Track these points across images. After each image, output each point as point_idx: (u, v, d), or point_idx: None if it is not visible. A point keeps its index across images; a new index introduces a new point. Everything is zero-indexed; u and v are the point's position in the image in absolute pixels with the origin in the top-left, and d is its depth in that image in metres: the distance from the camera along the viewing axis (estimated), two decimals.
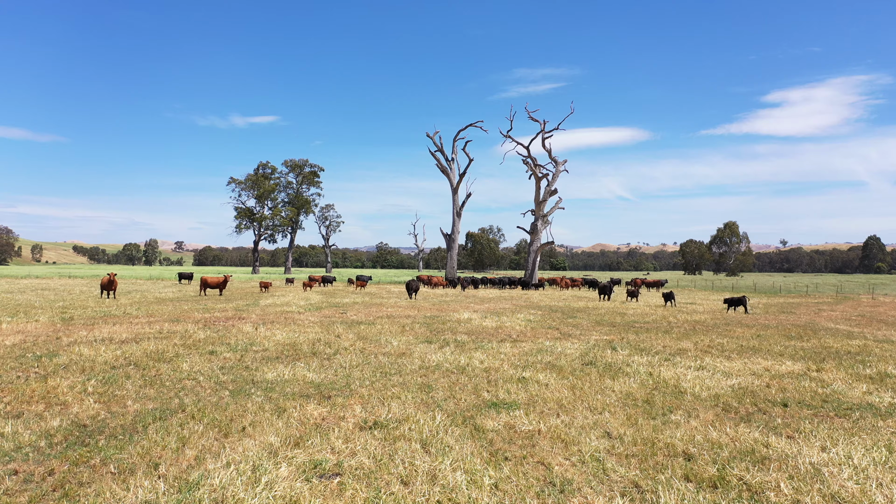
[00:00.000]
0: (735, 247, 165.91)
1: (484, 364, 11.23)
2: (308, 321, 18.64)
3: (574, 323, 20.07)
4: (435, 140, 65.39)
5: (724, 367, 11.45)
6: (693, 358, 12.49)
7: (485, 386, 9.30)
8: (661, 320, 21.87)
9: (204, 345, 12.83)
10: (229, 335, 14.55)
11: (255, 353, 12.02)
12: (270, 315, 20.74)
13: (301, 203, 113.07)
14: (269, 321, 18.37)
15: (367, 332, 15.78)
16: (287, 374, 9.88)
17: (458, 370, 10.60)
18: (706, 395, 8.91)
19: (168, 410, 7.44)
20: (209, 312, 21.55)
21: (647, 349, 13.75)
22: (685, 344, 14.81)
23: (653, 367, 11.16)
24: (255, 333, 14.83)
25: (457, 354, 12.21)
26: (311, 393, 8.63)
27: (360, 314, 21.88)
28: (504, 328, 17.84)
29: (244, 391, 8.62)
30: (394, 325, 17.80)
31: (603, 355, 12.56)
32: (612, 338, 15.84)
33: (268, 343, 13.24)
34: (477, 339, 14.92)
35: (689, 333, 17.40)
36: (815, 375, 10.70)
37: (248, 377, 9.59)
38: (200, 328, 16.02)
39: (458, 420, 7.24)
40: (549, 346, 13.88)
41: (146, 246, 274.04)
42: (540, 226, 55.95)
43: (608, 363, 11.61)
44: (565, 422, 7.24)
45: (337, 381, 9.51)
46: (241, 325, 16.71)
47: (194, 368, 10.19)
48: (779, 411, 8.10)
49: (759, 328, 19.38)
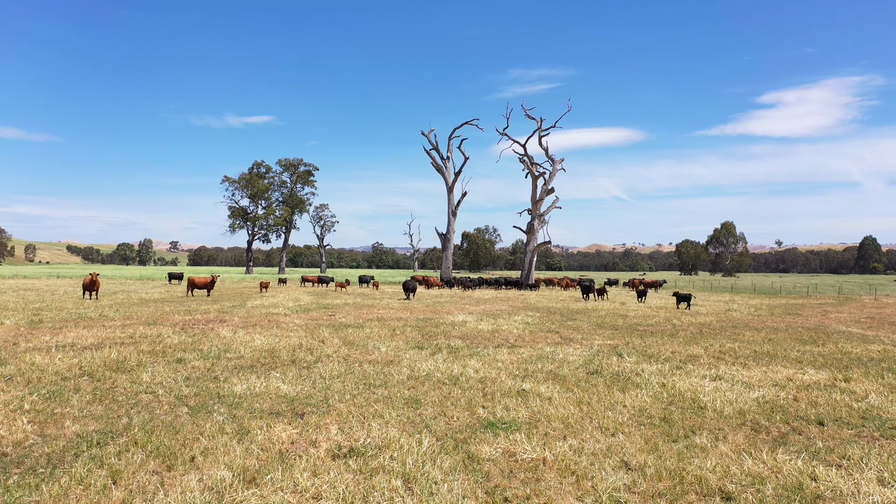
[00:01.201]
0: (732, 247, 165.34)
1: (479, 373, 10.19)
2: (293, 324, 17.56)
3: (574, 326, 19.06)
4: (430, 138, 64.31)
5: (743, 376, 10.45)
6: (707, 366, 11.49)
7: (480, 400, 8.26)
8: (665, 323, 20.89)
9: (174, 351, 11.73)
10: (204, 340, 13.46)
11: (229, 360, 10.94)
12: (255, 317, 19.65)
13: (295, 202, 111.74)
14: (251, 324, 17.28)
15: (355, 337, 14.72)
16: (259, 386, 8.81)
17: (450, 381, 9.56)
18: (730, 411, 7.90)
19: (111, 433, 6.37)
20: (190, 314, 20.44)
21: (656, 355, 12.74)
22: (695, 349, 13.82)
23: (665, 377, 10.14)
24: (233, 338, 13.74)
25: (449, 362, 11.17)
26: (283, 409, 7.58)
27: (349, 316, 20.81)
28: (501, 332, 16.81)
29: (206, 408, 7.55)
30: (384, 329, 16.75)
31: (609, 363, 11.54)
32: (617, 342, 14.83)
33: (244, 349, 12.15)
34: (472, 344, 13.89)
35: (697, 337, 16.42)
36: (845, 386, 9.71)
37: (214, 390, 8.51)
38: (176, 332, 14.92)
39: (448, 445, 6.19)
40: (550, 352, 12.86)
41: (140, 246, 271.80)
42: (536, 225, 54.96)
43: (615, 372, 10.59)
44: (574, 447, 6.21)
45: (314, 394, 8.45)
46: (219, 329, 15.62)
47: (156, 380, 9.11)
48: (816, 431, 7.09)
49: (769, 331, 18.43)
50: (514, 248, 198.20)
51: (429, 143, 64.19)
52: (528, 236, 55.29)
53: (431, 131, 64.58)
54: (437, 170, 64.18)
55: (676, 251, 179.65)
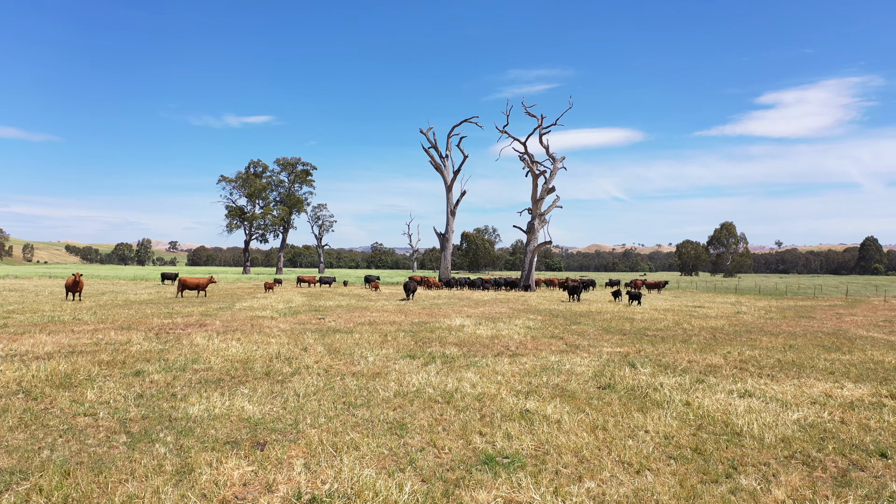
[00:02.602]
0: (733, 248, 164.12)
1: (476, 389, 8.98)
2: (277, 329, 16.34)
3: (579, 331, 17.85)
4: (429, 136, 63.07)
5: (774, 391, 9.24)
6: (731, 378, 10.28)
7: (477, 424, 7.04)
8: (675, 326, 19.69)
9: (135, 361, 10.51)
10: (175, 347, 12.24)
11: (195, 373, 9.72)
12: (238, 321, 18.42)
13: (293, 202, 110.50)
14: (231, 329, 16.06)
15: (341, 344, 13.50)
16: (220, 406, 7.59)
17: (443, 398, 8.35)
18: (771, 439, 6.69)
19: (19, 473, 5.16)
20: (171, 318, 19.23)
21: (672, 366, 11.54)
22: (713, 358, 12.61)
23: (687, 393, 8.94)
24: (206, 346, 12.51)
25: (443, 375, 9.95)
26: (242, 438, 6.36)
27: (340, 319, 19.59)
28: (501, 338, 15.60)
29: (150, 435, 6.34)
30: (374, 334, 15.53)
31: (621, 375, 10.33)
32: (627, 350, 13.62)
33: (215, 359, 10.92)
34: (469, 352, 12.67)
35: (712, 344, 15.22)
36: (894, 405, 8.50)
37: (166, 412, 7.29)
38: (147, 338, 13.71)
39: (436, 491, 4.98)
40: (555, 361, 11.64)
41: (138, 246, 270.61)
42: (537, 225, 53.73)
43: (630, 386, 9.37)
44: (593, 493, 5.00)
45: (283, 416, 7.23)
46: (195, 335, 14.39)
47: (102, 398, 7.89)
48: (881, 465, 5.89)
49: (787, 337, 17.23)
50: (513, 249, 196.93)
51: (427, 141, 62.99)
52: (529, 236, 54.07)
53: (430, 129, 63.35)
54: (436, 168, 62.95)
55: (677, 252, 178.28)
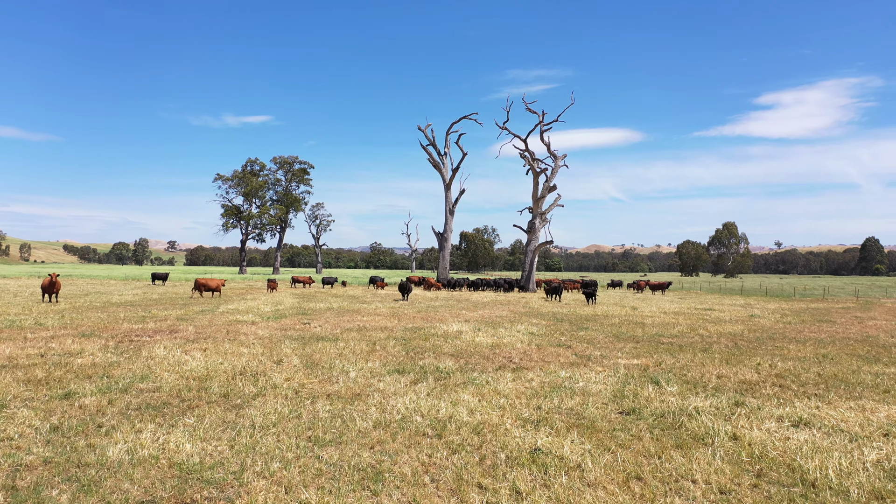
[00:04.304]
0: (734, 248, 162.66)
1: (475, 416, 7.41)
2: (254, 336, 14.76)
3: (587, 337, 16.28)
4: (427, 133, 61.45)
5: (833, 419, 7.67)
6: (775, 399, 8.71)
7: (475, 472, 5.47)
8: (690, 332, 18.13)
9: (73, 379, 8.92)
10: (129, 360, 10.65)
11: (138, 394, 8.14)
12: (215, 326, 16.84)
13: (290, 201, 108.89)
14: (203, 336, 14.47)
15: (322, 355, 11.92)
16: (150, 444, 6.01)
17: (433, 429, 6.78)
18: (856, 492, 5.13)
19: None
20: (143, 322, 17.64)
21: (700, 382, 9.98)
22: (745, 372, 11.05)
23: (730, 421, 7.37)
24: (165, 358, 10.91)
25: (436, 397, 8.38)
26: (164, 496, 4.79)
27: (327, 324, 18.01)
28: (502, 346, 14.03)
29: (39, 493, 4.77)
30: (362, 342, 13.96)
31: (646, 396, 8.76)
32: (646, 362, 12.05)
33: (169, 376, 9.33)
34: (467, 366, 11.10)
35: (736, 353, 13.68)
36: None
37: (78, 453, 5.72)
38: (104, 348, 12.13)
39: None
40: (566, 378, 10.07)
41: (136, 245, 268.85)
42: (538, 224, 52.15)
43: (659, 412, 7.81)
44: None
45: (228, 459, 5.66)
46: (159, 344, 12.80)
47: (5, 432, 6.31)
48: None
49: (815, 344, 15.68)
50: (512, 249, 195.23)
51: (425, 139, 61.38)
52: (529, 235, 52.51)
53: (428, 126, 61.75)
54: (434, 166, 61.38)
55: (677, 252, 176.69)
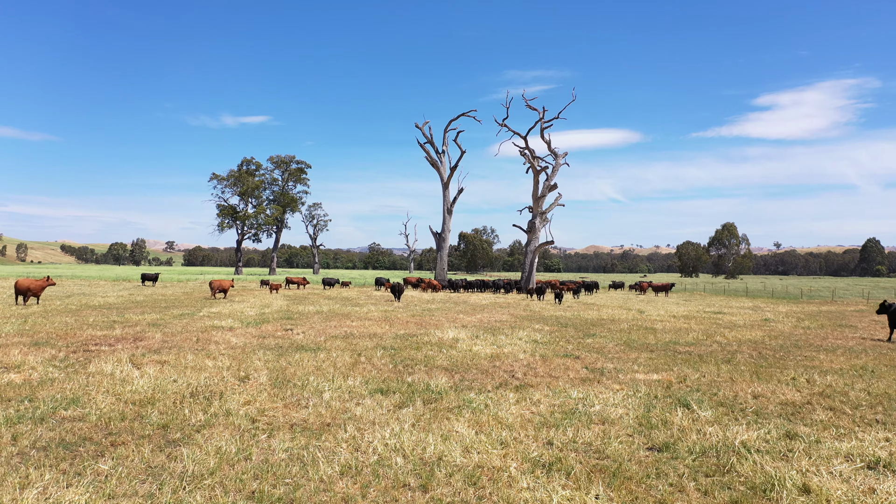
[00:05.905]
0: (734, 249, 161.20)
1: (471, 457, 5.90)
2: (226, 345, 13.24)
3: (596, 346, 14.79)
4: (424, 131, 59.94)
5: None
6: (833, 430, 7.21)
7: None
8: (707, 339, 16.65)
9: None
10: (69, 377, 9.13)
11: (54, 426, 6.61)
12: (187, 333, 15.30)
13: (287, 201, 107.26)
14: (168, 346, 12.94)
15: (297, 369, 10.40)
16: None
17: (417, 478, 5.28)
18: None
19: None
20: (111, 328, 16.12)
21: (736, 404, 8.48)
22: (783, 390, 9.55)
23: (789, 461, 5.89)
24: (111, 374, 9.37)
25: (422, 429, 6.86)
26: None
27: (311, 331, 16.49)
28: (503, 357, 12.52)
29: None
30: (346, 353, 12.45)
31: (678, 424, 7.26)
32: (667, 377, 10.55)
33: (105, 399, 7.79)
34: (462, 383, 9.60)
35: (763, 365, 12.20)
36: None
37: None
38: (47, 361, 10.60)
39: None
40: (579, 399, 8.57)
41: (133, 245, 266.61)
42: (538, 224, 50.64)
43: (698, 449, 6.31)
44: None
45: None
46: (112, 355, 11.26)
47: None
48: None
49: (846, 353, 14.22)
50: (511, 249, 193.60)
51: (423, 137, 59.87)
52: (529, 235, 51.02)
53: (426, 124, 60.23)
54: (432, 164, 59.88)
55: (677, 252, 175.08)
